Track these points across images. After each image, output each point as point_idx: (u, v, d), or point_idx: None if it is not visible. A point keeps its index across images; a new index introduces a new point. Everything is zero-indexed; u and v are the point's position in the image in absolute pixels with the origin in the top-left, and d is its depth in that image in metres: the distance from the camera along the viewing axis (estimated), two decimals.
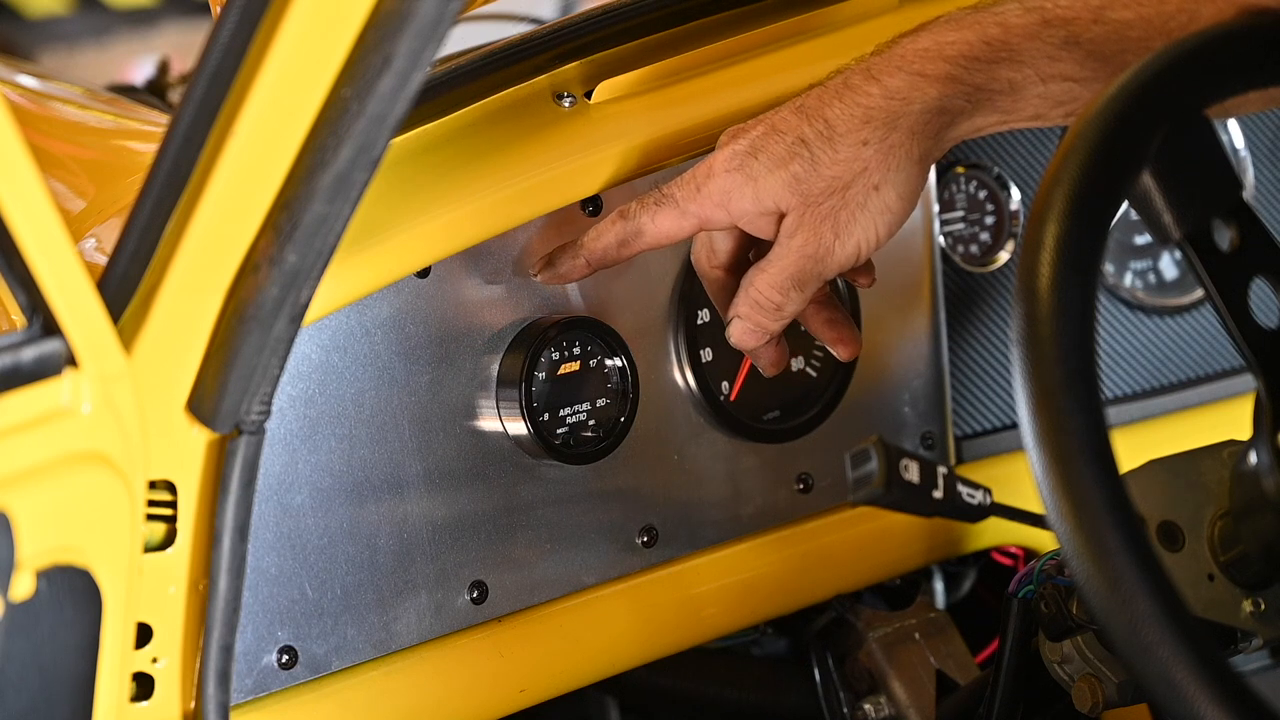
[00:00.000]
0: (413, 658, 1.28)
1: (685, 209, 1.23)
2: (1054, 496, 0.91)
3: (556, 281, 1.28)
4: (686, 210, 1.23)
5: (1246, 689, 0.90)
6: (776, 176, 1.20)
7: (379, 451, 1.26)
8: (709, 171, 1.22)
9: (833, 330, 1.30)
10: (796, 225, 1.21)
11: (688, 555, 1.39)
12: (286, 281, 1.05)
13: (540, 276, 1.28)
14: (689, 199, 1.23)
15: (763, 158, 1.21)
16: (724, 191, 1.22)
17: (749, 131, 1.22)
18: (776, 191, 1.20)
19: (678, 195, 1.23)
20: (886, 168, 1.19)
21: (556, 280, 1.28)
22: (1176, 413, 1.58)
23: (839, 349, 1.31)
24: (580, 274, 1.27)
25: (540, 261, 1.28)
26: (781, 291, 1.22)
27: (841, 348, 1.31)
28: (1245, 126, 1.60)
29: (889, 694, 1.44)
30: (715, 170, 1.22)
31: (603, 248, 1.25)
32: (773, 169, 1.20)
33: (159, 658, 1.12)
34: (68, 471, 1.03)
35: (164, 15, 4.68)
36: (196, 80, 1.04)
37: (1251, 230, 1.03)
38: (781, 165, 1.20)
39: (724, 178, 1.22)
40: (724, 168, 1.22)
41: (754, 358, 1.30)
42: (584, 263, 1.26)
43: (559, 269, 1.27)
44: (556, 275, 1.27)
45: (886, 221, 1.21)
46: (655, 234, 1.24)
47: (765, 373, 1.31)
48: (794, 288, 1.22)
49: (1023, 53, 1.17)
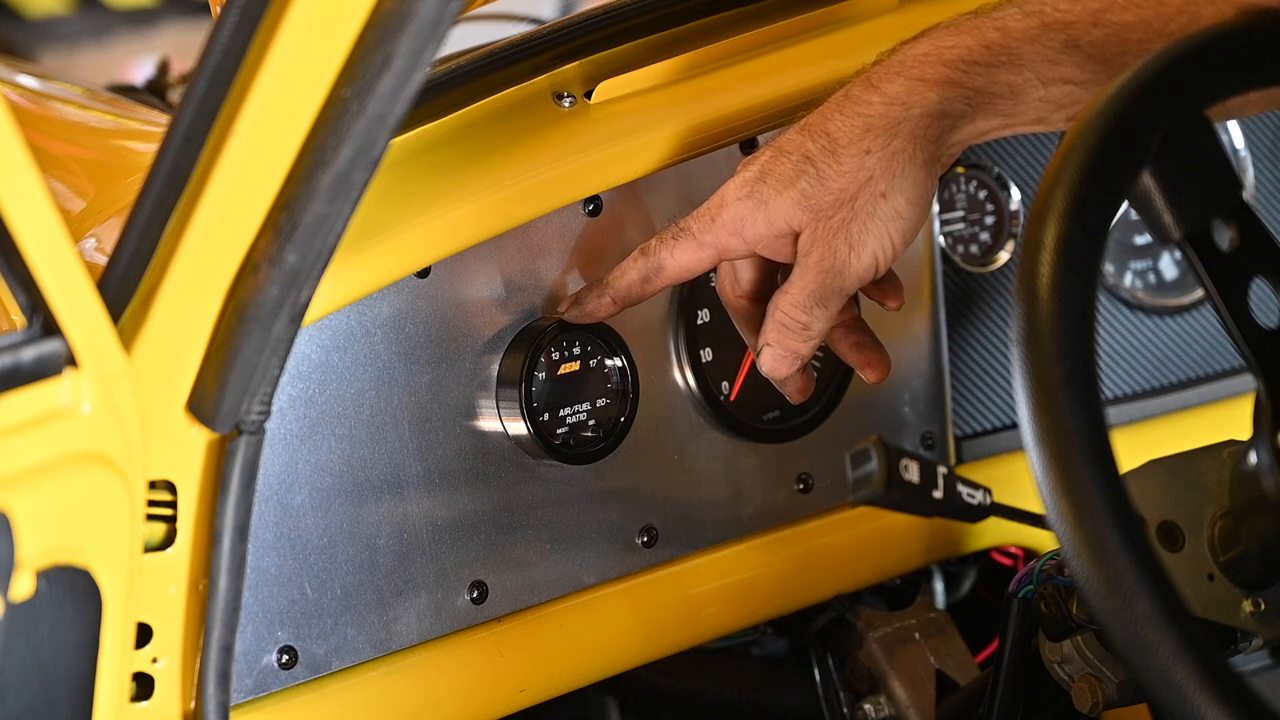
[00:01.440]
0: (413, 658, 1.28)
1: (702, 240, 1.24)
2: (1054, 496, 0.91)
3: (585, 320, 1.29)
4: (704, 242, 1.24)
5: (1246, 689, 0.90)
6: (785, 197, 1.21)
7: (379, 451, 1.26)
8: (721, 201, 1.23)
9: (860, 354, 1.30)
10: (811, 242, 1.21)
11: (688, 555, 1.39)
12: (286, 281, 1.05)
13: (569, 315, 1.29)
14: (705, 230, 1.24)
15: (771, 180, 1.21)
16: (738, 219, 1.22)
17: (758, 158, 1.23)
18: (787, 211, 1.21)
19: (694, 228, 1.24)
20: (892, 174, 1.19)
21: (585, 319, 1.29)
22: (1176, 413, 1.58)
23: (867, 372, 1.30)
24: (607, 312, 1.28)
25: (568, 300, 1.30)
26: (806, 310, 1.22)
27: (870, 371, 1.30)
28: (1245, 126, 1.60)
29: (889, 694, 1.44)
30: (727, 200, 1.23)
31: (627, 285, 1.27)
32: (781, 190, 1.21)
33: (159, 658, 1.12)
34: (68, 471, 1.03)
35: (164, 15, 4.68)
36: (196, 80, 1.04)
37: (1251, 230, 1.03)
38: (789, 185, 1.20)
39: (736, 206, 1.22)
40: (735, 196, 1.22)
41: (782, 388, 1.30)
42: (610, 301, 1.28)
43: (586, 308, 1.28)
44: (584, 314, 1.29)
45: (899, 228, 1.20)
46: (676, 268, 1.25)
47: (793, 400, 1.31)
48: (817, 305, 1.22)
49: (1023, 57, 1.17)
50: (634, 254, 1.27)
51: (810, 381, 1.31)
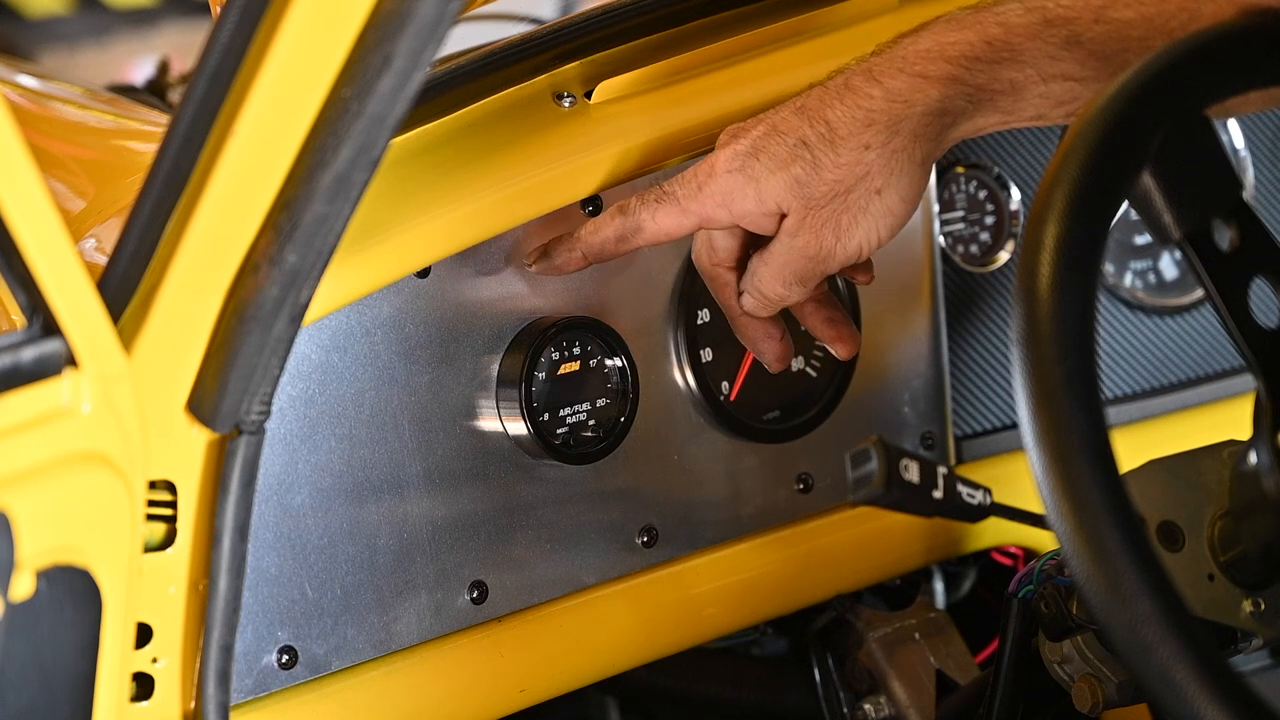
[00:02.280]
0: (413, 658, 1.28)
1: (686, 207, 1.23)
2: (1054, 496, 0.91)
3: (551, 273, 1.28)
4: (688, 209, 1.23)
5: (1246, 689, 0.90)
6: (778, 178, 1.20)
7: (379, 451, 1.26)
8: (710, 171, 1.22)
9: (832, 329, 1.30)
10: (798, 227, 1.21)
11: (688, 555, 1.39)
12: (286, 281, 1.05)
13: (535, 267, 1.28)
14: (690, 197, 1.23)
15: (764, 159, 1.21)
16: (726, 192, 1.22)
17: (750, 131, 1.22)
18: (778, 193, 1.21)
19: (679, 193, 1.23)
20: (889, 172, 1.19)
21: (551, 271, 1.28)
22: (1176, 413, 1.58)
23: (837, 347, 1.31)
24: (576, 266, 1.27)
25: (536, 251, 1.28)
26: (785, 285, 1.24)
27: (840, 346, 1.31)
28: (1245, 126, 1.60)
29: (889, 694, 1.44)
30: (717, 170, 1.22)
31: (600, 241, 1.26)
32: (774, 170, 1.20)
33: (159, 658, 1.12)
34: (68, 471, 1.03)
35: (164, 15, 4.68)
36: (196, 80, 1.04)
37: (1251, 230, 1.03)
38: (783, 167, 1.20)
39: (726, 178, 1.22)
40: (725, 168, 1.22)
41: (759, 354, 1.31)
42: (580, 255, 1.26)
43: (554, 260, 1.27)
44: (552, 266, 1.27)
45: (889, 224, 1.21)
46: (655, 231, 1.24)
47: (770, 368, 1.31)
48: (796, 283, 1.24)
49: (1024, 53, 1.17)
50: (610, 210, 1.26)
51: (788, 350, 1.31)
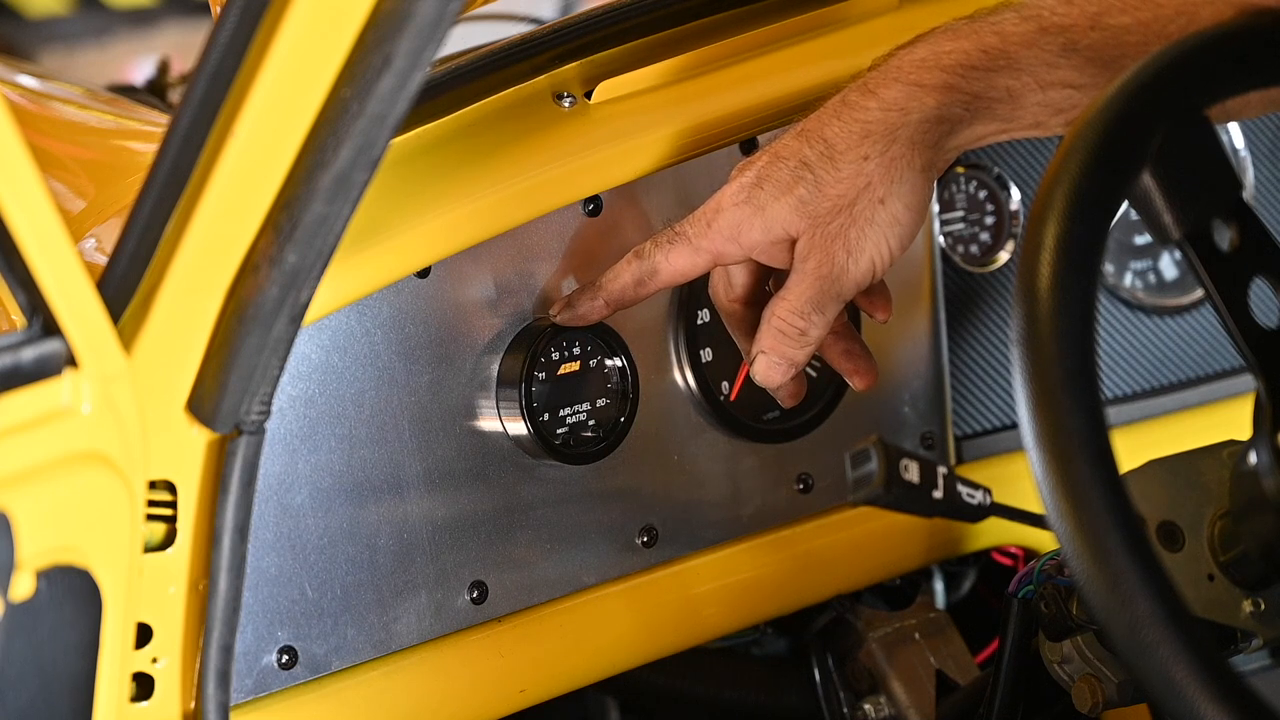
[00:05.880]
0: (413, 658, 1.28)
1: (698, 245, 1.24)
2: (1054, 496, 0.91)
3: (576, 323, 1.28)
4: (699, 246, 1.24)
5: (1246, 689, 0.90)
6: (782, 203, 1.20)
7: (379, 451, 1.26)
8: (718, 206, 1.23)
9: (849, 361, 1.30)
10: (809, 248, 1.21)
11: (688, 555, 1.39)
12: (286, 281, 1.05)
13: (560, 318, 1.29)
14: (700, 235, 1.23)
15: (768, 186, 1.21)
16: (734, 225, 1.22)
17: (755, 163, 1.23)
18: (784, 217, 1.21)
19: (689, 232, 1.24)
20: (890, 180, 1.19)
21: (576, 321, 1.28)
22: (1176, 413, 1.58)
23: (855, 380, 1.30)
24: (600, 315, 1.28)
25: (560, 303, 1.29)
26: (804, 316, 1.22)
27: (858, 378, 1.30)
28: (1245, 126, 1.60)
29: (889, 694, 1.44)
30: (724, 205, 1.23)
31: (620, 288, 1.26)
32: (778, 196, 1.21)
33: (159, 658, 1.12)
34: (68, 471, 1.03)
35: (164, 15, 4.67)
36: (196, 80, 1.04)
37: (1251, 230, 1.03)
38: (787, 191, 1.20)
39: (732, 211, 1.22)
40: (732, 201, 1.22)
41: (775, 394, 1.30)
42: (603, 303, 1.27)
43: (578, 310, 1.28)
44: (576, 316, 1.28)
45: (897, 234, 1.20)
46: (670, 272, 1.25)
47: (785, 405, 1.32)
48: (814, 311, 1.22)
49: (1021, 60, 1.17)
50: (628, 256, 1.27)
51: (802, 387, 1.31)
